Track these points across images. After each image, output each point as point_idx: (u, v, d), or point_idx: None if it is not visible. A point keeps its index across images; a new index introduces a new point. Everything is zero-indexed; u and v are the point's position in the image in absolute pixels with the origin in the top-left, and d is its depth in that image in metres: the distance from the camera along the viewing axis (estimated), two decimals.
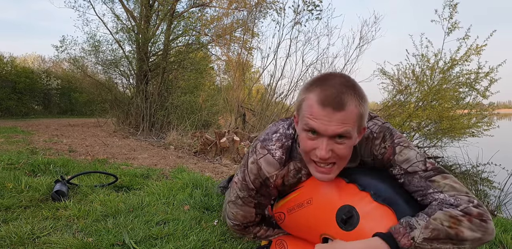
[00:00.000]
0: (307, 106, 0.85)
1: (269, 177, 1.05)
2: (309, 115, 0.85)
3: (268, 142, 1.05)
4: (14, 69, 17.00)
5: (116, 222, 1.72)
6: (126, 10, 9.10)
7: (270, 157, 1.03)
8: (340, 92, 0.82)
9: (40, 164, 2.97)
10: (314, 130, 0.85)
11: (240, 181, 1.10)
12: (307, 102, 0.86)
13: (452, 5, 6.56)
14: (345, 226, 0.90)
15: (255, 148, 1.07)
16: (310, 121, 0.84)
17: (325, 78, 0.87)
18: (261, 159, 1.04)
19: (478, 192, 2.62)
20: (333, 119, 0.82)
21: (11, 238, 1.47)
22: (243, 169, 1.09)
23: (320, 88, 0.84)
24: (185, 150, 5.65)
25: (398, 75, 7.53)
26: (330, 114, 0.82)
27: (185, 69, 8.76)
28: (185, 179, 2.69)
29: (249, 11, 7.53)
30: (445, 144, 7.72)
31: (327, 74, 0.89)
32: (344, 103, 0.81)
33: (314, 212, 0.98)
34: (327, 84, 0.84)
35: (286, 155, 1.03)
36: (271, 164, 1.03)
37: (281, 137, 1.04)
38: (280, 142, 1.04)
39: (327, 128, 0.83)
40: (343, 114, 0.82)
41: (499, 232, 1.78)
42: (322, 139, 0.85)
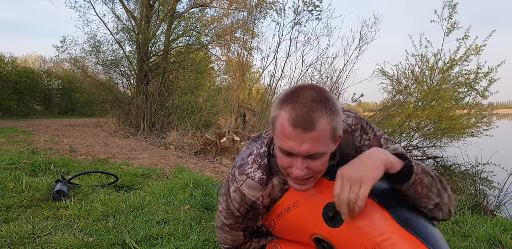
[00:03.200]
0: (280, 125, 0.84)
1: (255, 200, 1.04)
2: (282, 136, 0.84)
3: (245, 166, 1.05)
4: (15, 69, 17.02)
5: (116, 221, 1.72)
6: (126, 10, 9.11)
7: (250, 181, 1.03)
8: (310, 110, 0.80)
9: (41, 164, 2.98)
10: (286, 151, 0.85)
11: (225, 209, 1.10)
12: (279, 121, 0.84)
13: (452, 6, 6.57)
14: (332, 223, 0.90)
15: (234, 176, 1.06)
16: (283, 142, 0.84)
17: (296, 94, 0.84)
18: (242, 185, 1.04)
19: (477, 192, 2.62)
20: (305, 140, 0.81)
21: (12, 237, 1.48)
22: (226, 198, 1.09)
23: (290, 106, 0.82)
24: (185, 150, 5.66)
25: (398, 75, 7.54)
26: (301, 135, 0.81)
27: (185, 69, 8.77)
28: (186, 179, 2.69)
29: (249, 11, 7.54)
30: (444, 144, 7.72)
31: (298, 88, 0.86)
32: (314, 123, 0.80)
33: (302, 214, 0.98)
34: (297, 101, 0.82)
35: (266, 174, 1.03)
36: (253, 188, 1.03)
37: (256, 158, 1.04)
38: (257, 163, 1.04)
39: (300, 149, 0.83)
40: (315, 134, 0.80)
41: (499, 232, 1.79)
42: (297, 158, 0.85)
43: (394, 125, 6.90)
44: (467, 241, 1.70)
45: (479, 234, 1.78)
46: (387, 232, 0.81)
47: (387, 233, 0.81)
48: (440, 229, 1.89)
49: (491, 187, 3.49)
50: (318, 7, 6.06)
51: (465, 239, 1.74)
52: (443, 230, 1.88)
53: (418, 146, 7.94)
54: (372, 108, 9.28)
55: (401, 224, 0.82)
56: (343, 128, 0.98)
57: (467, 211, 2.30)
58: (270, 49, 7.20)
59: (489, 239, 1.73)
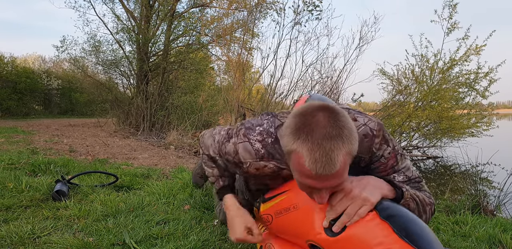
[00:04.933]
0: (297, 163, 0.81)
1: (244, 162, 1.08)
2: (301, 174, 0.82)
3: (251, 131, 1.07)
4: (15, 69, 16.99)
5: (116, 222, 1.72)
6: (126, 10, 9.11)
7: (248, 145, 1.06)
8: (329, 151, 0.76)
9: (41, 164, 2.98)
10: (309, 186, 0.84)
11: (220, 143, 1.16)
12: (296, 159, 0.81)
13: (452, 5, 6.56)
14: (331, 233, 0.89)
15: (238, 132, 1.10)
16: (302, 179, 0.83)
17: (309, 125, 0.79)
18: (240, 144, 1.07)
19: (477, 192, 2.62)
20: (327, 179, 0.80)
21: (11, 237, 1.47)
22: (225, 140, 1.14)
23: (307, 146, 0.77)
24: (185, 150, 5.66)
25: (398, 75, 7.53)
26: (322, 177, 0.79)
27: (185, 69, 8.77)
28: (186, 179, 2.69)
29: (249, 11, 7.53)
30: (444, 144, 7.71)
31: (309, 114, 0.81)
32: (335, 164, 0.77)
33: (300, 217, 0.98)
34: (313, 138, 0.77)
35: (265, 151, 1.05)
36: (247, 151, 1.07)
37: (263, 132, 1.06)
38: (261, 136, 1.06)
39: (322, 186, 0.82)
40: (336, 173, 0.79)
41: (499, 232, 1.79)
42: (319, 191, 0.85)
43: (394, 125, 6.90)
44: (467, 241, 1.70)
45: (479, 234, 1.78)
46: (385, 243, 0.80)
47: (384, 244, 0.80)
48: (440, 229, 1.89)
49: (491, 187, 3.49)
50: (318, 7, 6.05)
51: (465, 239, 1.74)
52: (443, 230, 1.87)
53: (418, 146, 7.93)
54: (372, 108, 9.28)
55: (399, 235, 0.81)
56: (364, 131, 0.98)
57: (467, 211, 2.29)
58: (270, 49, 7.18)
59: (489, 239, 1.73)
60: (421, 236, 0.81)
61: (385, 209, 0.86)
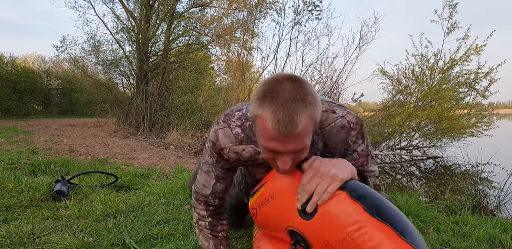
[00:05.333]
0: (262, 127, 0.84)
1: (224, 148, 1.10)
2: (265, 137, 0.84)
3: (231, 117, 1.10)
4: (15, 69, 17.00)
5: (116, 222, 1.72)
6: (126, 10, 9.11)
7: (228, 130, 1.08)
8: (292, 112, 0.80)
9: (41, 164, 2.98)
10: (272, 150, 0.86)
11: (206, 148, 1.17)
12: (260, 122, 0.84)
13: (452, 5, 6.56)
14: (305, 216, 0.91)
15: (218, 120, 1.13)
16: (267, 142, 0.85)
17: (275, 91, 0.83)
18: (221, 130, 1.09)
19: (477, 192, 2.61)
20: (289, 140, 0.82)
21: (11, 238, 1.47)
22: (209, 138, 1.16)
23: (271, 109, 0.81)
24: (185, 150, 5.66)
25: (398, 75, 7.52)
26: (285, 137, 0.82)
27: (185, 69, 8.76)
28: (185, 179, 2.69)
29: (249, 11, 7.53)
30: (444, 144, 7.71)
31: (275, 82, 0.85)
32: (297, 124, 0.80)
33: (278, 205, 1.00)
34: (277, 101, 0.81)
35: (244, 135, 1.07)
36: (227, 136, 1.08)
37: (242, 117, 1.08)
38: (240, 121, 1.08)
39: (285, 149, 0.84)
40: (298, 134, 0.82)
41: (499, 232, 1.79)
42: (282, 155, 0.87)
43: (394, 125, 6.89)
44: (467, 241, 1.70)
45: (479, 234, 1.78)
46: (358, 222, 0.83)
47: (358, 223, 0.83)
48: (440, 229, 1.89)
49: (492, 187, 3.49)
50: (318, 7, 6.04)
51: (465, 239, 1.74)
52: (443, 230, 1.87)
53: (419, 146, 7.93)
54: (372, 108, 9.27)
55: (371, 213, 0.83)
56: (341, 123, 1.01)
57: (467, 211, 2.29)
58: (270, 49, 7.19)
59: (489, 239, 1.73)
60: (390, 214, 0.84)
61: (355, 189, 0.88)
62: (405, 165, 6.59)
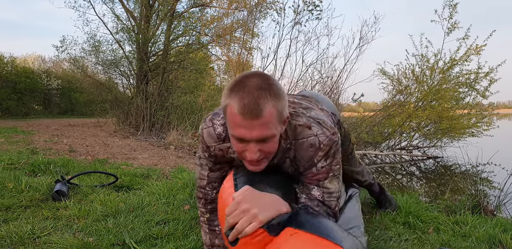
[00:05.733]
0: (230, 115, 0.89)
1: (209, 146, 1.16)
2: (233, 124, 0.90)
3: (216, 116, 1.15)
4: (15, 69, 16.99)
5: (116, 222, 1.72)
6: (126, 10, 9.11)
7: (211, 130, 1.14)
8: (256, 98, 0.85)
9: (41, 164, 2.97)
10: (239, 138, 0.91)
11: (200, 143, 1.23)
12: (229, 110, 0.89)
13: (452, 5, 6.55)
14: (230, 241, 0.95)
15: (205, 118, 1.18)
16: (235, 130, 0.90)
17: (242, 83, 0.89)
18: (205, 129, 1.16)
19: (477, 192, 2.61)
20: (255, 126, 0.87)
21: (11, 238, 1.47)
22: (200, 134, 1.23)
23: (238, 96, 0.87)
24: (185, 150, 5.66)
25: (398, 75, 7.51)
26: (250, 123, 0.87)
27: (185, 69, 8.76)
28: (185, 179, 2.69)
29: (249, 11, 7.53)
30: (444, 144, 7.70)
31: (244, 77, 0.91)
32: (261, 110, 0.85)
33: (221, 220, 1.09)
34: (244, 90, 0.87)
35: (226, 134, 1.12)
36: (210, 136, 1.15)
37: None
38: (224, 120, 1.12)
39: (251, 136, 0.89)
40: (263, 120, 0.87)
41: (499, 232, 1.79)
42: (249, 144, 0.92)
43: (395, 125, 6.89)
44: (467, 241, 1.70)
45: (479, 234, 1.78)
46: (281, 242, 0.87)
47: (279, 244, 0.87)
48: (440, 229, 1.88)
49: (492, 187, 3.48)
50: (318, 6, 6.04)
51: (465, 239, 1.74)
52: (443, 230, 1.87)
53: (419, 146, 7.92)
54: (372, 108, 9.26)
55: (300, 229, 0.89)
56: (312, 141, 1.03)
57: (467, 211, 2.29)
58: (270, 49, 7.17)
59: (489, 239, 1.73)
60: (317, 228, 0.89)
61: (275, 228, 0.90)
62: (405, 165, 6.59)
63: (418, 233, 1.80)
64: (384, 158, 7.09)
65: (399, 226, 1.89)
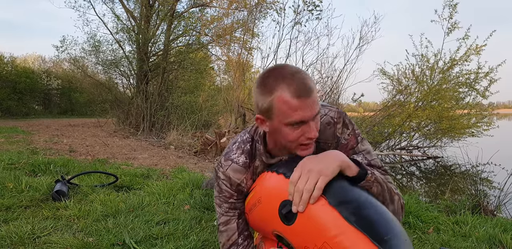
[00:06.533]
0: (282, 104, 0.91)
1: (240, 183, 1.11)
2: (289, 111, 0.91)
3: (230, 153, 1.13)
4: (15, 69, 17.00)
5: (116, 222, 1.72)
6: (126, 10, 9.11)
7: (235, 165, 1.11)
8: (302, 79, 0.91)
9: (41, 164, 2.98)
10: (300, 121, 0.92)
11: (218, 196, 1.15)
12: (279, 101, 0.91)
13: (452, 5, 6.56)
14: (286, 221, 0.92)
15: (220, 163, 1.14)
16: (293, 115, 0.91)
17: (278, 74, 0.92)
18: (228, 169, 1.11)
19: (477, 192, 2.61)
20: (309, 105, 0.91)
21: (11, 237, 1.47)
22: (217, 183, 1.15)
23: (285, 84, 0.90)
24: (185, 150, 5.66)
25: (398, 75, 7.52)
26: (306, 102, 0.90)
27: (185, 69, 8.76)
28: (185, 179, 2.69)
29: (249, 11, 7.53)
30: (444, 144, 7.71)
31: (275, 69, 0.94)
32: (310, 87, 0.91)
33: (264, 210, 1.02)
34: (285, 78, 0.91)
35: (249, 158, 1.12)
36: (237, 171, 1.11)
37: (240, 144, 1.13)
38: (241, 149, 1.12)
39: (310, 114, 0.92)
40: (313, 96, 0.92)
41: (499, 232, 1.79)
42: (307, 124, 0.94)
43: (395, 125, 6.89)
44: (468, 241, 1.70)
45: (480, 234, 1.78)
46: (336, 229, 0.83)
47: (335, 231, 0.83)
48: (440, 229, 1.89)
49: (492, 187, 3.48)
50: (318, 6, 6.04)
51: (465, 239, 1.74)
52: (443, 230, 1.87)
53: (419, 146, 7.93)
54: (373, 108, 9.26)
55: (349, 221, 0.83)
56: (326, 120, 1.10)
57: (468, 211, 2.29)
58: (270, 49, 7.20)
59: (490, 239, 1.73)
60: (368, 221, 0.83)
61: (335, 195, 0.88)
62: (405, 165, 6.59)
63: (418, 233, 1.80)
64: (384, 158, 7.09)
65: None
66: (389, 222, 0.85)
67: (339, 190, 0.89)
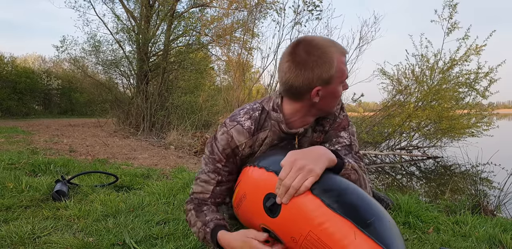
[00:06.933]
0: (341, 64, 1.01)
1: (239, 145, 1.12)
2: (345, 68, 1.04)
3: (236, 116, 1.14)
4: (15, 69, 17.01)
5: (116, 222, 1.72)
6: (126, 10, 9.11)
7: (240, 127, 1.11)
8: (330, 38, 1.04)
9: (41, 164, 2.98)
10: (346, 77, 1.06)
11: (208, 155, 1.16)
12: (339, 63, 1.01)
13: (452, 5, 6.56)
14: (271, 214, 0.94)
15: (224, 123, 1.14)
16: (346, 70, 1.05)
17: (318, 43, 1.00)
18: (232, 129, 1.11)
19: (477, 192, 2.62)
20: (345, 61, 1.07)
21: (11, 238, 1.47)
22: (211, 143, 1.16)
23: (331, 48, 0.99)
24: (185, 150, 5.66)
25: (398, 75, 7.52)
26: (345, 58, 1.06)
27: (185, 69, 8.76)
28: (186, 179, 2.69)
29: (249, 11, 7.54)
30: (444, 144, 7.71)
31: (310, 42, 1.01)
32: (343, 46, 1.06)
33: (249, 205, 1.03)
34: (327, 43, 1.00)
35: (255, 125, 1.12)
36: (241, 133, 1.11)
37: (249, 110, 1.14)
38: (248, 114, 1.13)
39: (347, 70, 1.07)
40: None
41: (499, 232, 1.79)
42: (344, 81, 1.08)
43: (394, 125, 6.89)
44: (467, 241, 1.70)
45: (479, 234, 1.78)
46: (321, 217, 0.84)
47: (320, 219, 0.84)
48: (440, 229, 1.89)
49: (492, 187, 3.48)
50: (318, 7, 6.05)
51: (465, 239, 1.74)
52: (443, 230, 1.87)
53: (419, 146, 7.93)
54: (372, 108, 9.26)
55: (332, 208, 0.84)
56: None
57: (467, 211, 2.29)
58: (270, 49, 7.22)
59: (490, 239, 1.73)
60: (351, 207, 0.84)
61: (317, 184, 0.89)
62: (405, 165, 6.59)
63: (418, 233, 1.80)
64: (384, 158, 7.09)
65: (399, 226, 1.89)
66: (371, 206, 0.86)
67: (321, 179, 0.90)
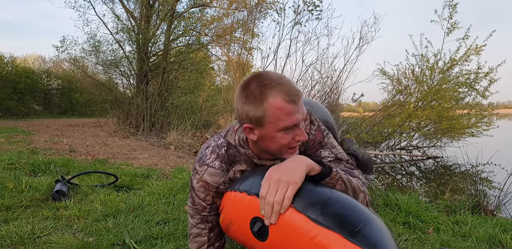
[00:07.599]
0: (276, 110, 0.90)
1: (218, 186, 1.09)
2: (283, 117, 0.90)
3: (204, 158, 1.09)
4: (15, 69, 17.00)
5: (116, 222, 1.72)
6: (126, 10, 9.11)
7: (211, 169, 1.08)
8: (289, 83, 0.91)
9: (41, 164, 2.98)
10: (293, 125, 0.92)
11: (191, 206, 1.13)
12: (272, 108, 0.89)
13: (452, 5, 6.55)
14: (260, 238, 0.92)
15: (195, 169, 1.10)
16: (287, 120, 0.91)
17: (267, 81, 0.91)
18: (204, 174, 1.08)
19: (477, 192, 2.62)
20: (300, 107, 0.92)
21: (11, 237, 1.47)
22: (191, 193, 1.12)
23: (275, 91, 0.89)
24: (185, 150, 5.66)
25: (398, 75, 7.52)
26: (298, 106, 0.91)
27: (185, 69, 8.76)
28: (185, 179, 2.69)
29: (249, 11, 7.53)
30: (444, 144, 7.71)
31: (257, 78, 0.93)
32: (298, 90, 0.91)
33: (237, 230, 1.02)
34: (274, 86, 0.90)
35: (225, 162, 1.08)
36: (214, 175, 1.08)
37: (214, 148, 1.10)
38: (215, 153, 1.09)
39: (302, 117, 0.93)
40: (302, 99, 0.93)
41: (499, 232, 1.79)
42: (298, 128, 0.94)
43: (394, 125, 6.89)
44: (467, 241, 1.70)
45: (479, 234, 1.78)
46: (310, 233, 0.84)
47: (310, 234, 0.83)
48: (440, 229, 1.89)
49: (491, 187, 3.49)
50: (318, 7, 6.04)
51: (465, 239, 1.74)
52: (443, 230, 1.87)
53: (418, 146, 7.93)
54: (372, 108, 9.26)
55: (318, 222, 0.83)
56: None
57: (467, 211, 2.30)
58: (270, 49, 7.18)
59: (489, 239, 1.73)
60: (336, 218, 0.83)
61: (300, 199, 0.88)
62: (405, 165, 6.59)
63: (418, 233, 1.80)
64: (384, 158, 7.09)
65: (399, 226, 1.89)
66: (357, 212, 0.85)
67: (303, 194, 0.89)
